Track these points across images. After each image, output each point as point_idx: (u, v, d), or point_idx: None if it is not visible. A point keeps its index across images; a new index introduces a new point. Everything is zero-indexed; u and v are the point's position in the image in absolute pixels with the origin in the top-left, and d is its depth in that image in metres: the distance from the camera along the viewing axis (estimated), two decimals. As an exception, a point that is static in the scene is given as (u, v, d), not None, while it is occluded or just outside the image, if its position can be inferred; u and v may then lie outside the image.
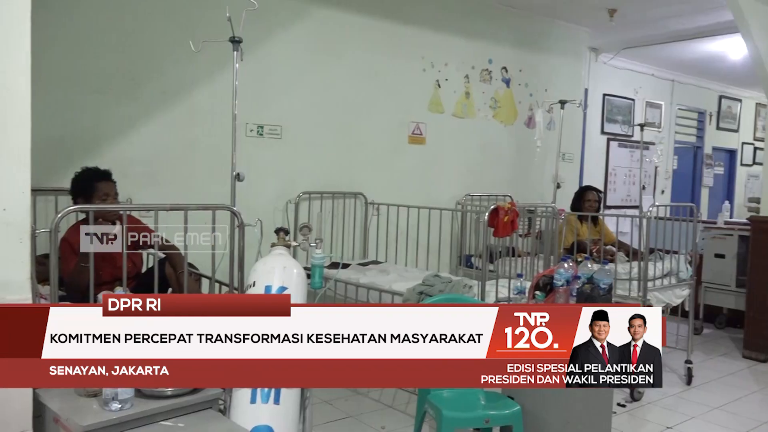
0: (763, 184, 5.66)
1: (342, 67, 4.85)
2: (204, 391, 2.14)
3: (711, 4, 5.43)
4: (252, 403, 2.06)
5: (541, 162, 5.86)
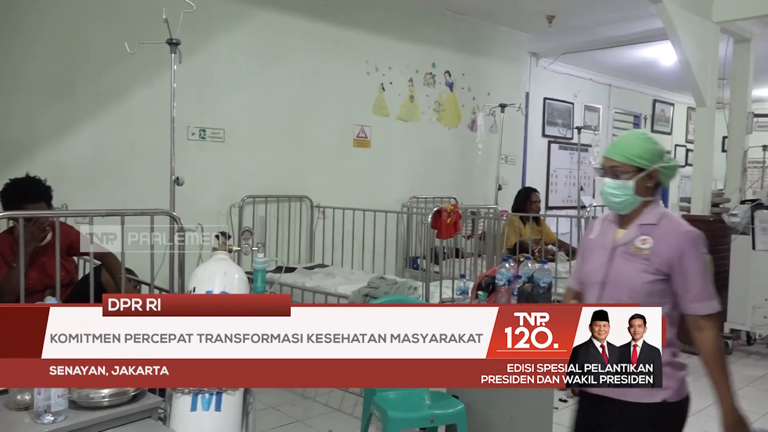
0: (693, 184, 5.92)
1: (286, 71, 4.82)
2: (143, 400, 2.09)
3: (643, 13, 5.65)
4: (193, 410, 2.03)
5: (485, 164, 5.96)
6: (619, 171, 1.92)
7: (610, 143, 1.96)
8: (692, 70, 5.38)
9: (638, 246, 1.91)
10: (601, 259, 1.97)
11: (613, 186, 1.93)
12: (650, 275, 1.88)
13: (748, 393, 4.48)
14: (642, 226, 1.93)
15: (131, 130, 4.09)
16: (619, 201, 1.93)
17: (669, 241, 1.88)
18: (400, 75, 5.61)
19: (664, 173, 1.96)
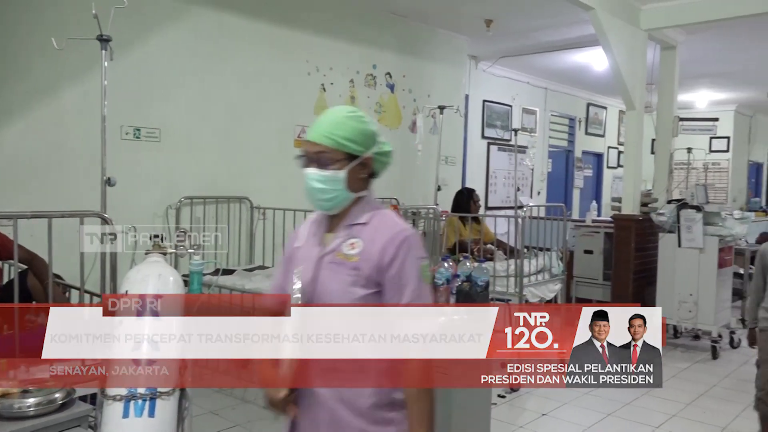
0: (624, 185, 6.17)
1: (225, 70, 4.75)
2: (71, 408, 2.02)
3: (576, 19, 5.84)
4: (125, 417, 1.98)
5: (425, 165, 6.03)
6: (327, 159, 1.54)
7: (314, 123, 1.58)
8: (622, 75, 5.61)
9: (345, 252, 1.55)
10: (306, 273, 1.58)
11: (319, 178, 1.54)
12: (361, 288, 1.53)
13: (675, 384, 4.70)
14: (351, 228, 1.58)
15: (60, 129, 3.94)
16: (329, 198, 1.55)
17: (379, 243, 1.53)
18: (341, 76, 5.61)
19: (378, 161, 1.62)
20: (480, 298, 3.19)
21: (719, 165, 11.89)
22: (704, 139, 10.86)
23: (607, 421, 3.94)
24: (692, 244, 5.43)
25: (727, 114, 11.60)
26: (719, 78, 9.16)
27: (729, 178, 11.89)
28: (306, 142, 1.59)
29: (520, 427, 3.81)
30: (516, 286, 4.50)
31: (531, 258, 4.86)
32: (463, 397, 3.09)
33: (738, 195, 12.15)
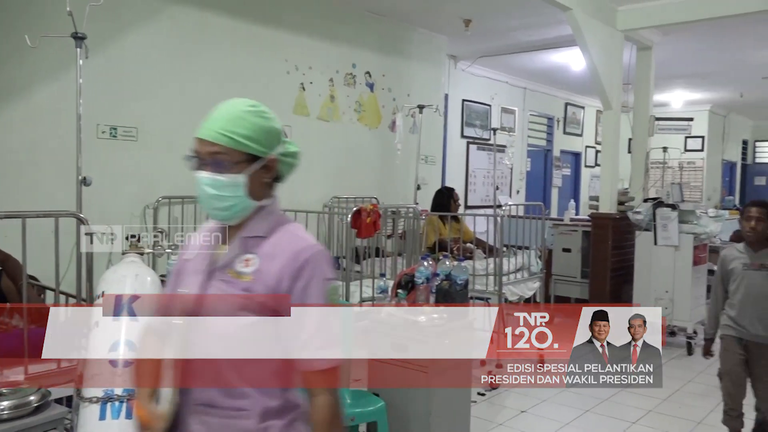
0: (601, 184, 6.24)
1: (203, 68, 4.70)
2: (47, 411, 1.99)
3: (554, 19, 5.88)
4: (101, 419, 1.95)
5: (405, 164, 6.03)
6: (224, 160, 1.33)
7: (208, 118, 1.40)
8: (599, 75, 5.67)
9: (238, 270, 1.33)
10: (192, 290, 1.35)
11: (215, 183, 1.33)
12: (250, 314, 1.28)
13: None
14: (247, 241, 1.35)
15: (34, 128, 3.87)
16: (226, 206, 1.34)
17: (278, 262, 1.31)
18: (321, 75, 5.59)
19: (284, 163, 1.42)
20: (459, 297, 3.21)
21: (694, 164, 12.08)
22: (679, 139, 11.02)
23: (584, 417, 3.99)
24: (668, 242, 5.51)
25: (701, 114, 11.79)
26: (694, 78, 9.31)
27: (704, 176, 12.08)
28: (198, 140, 1.36)
29: (499, 424, 3.84)
30: (495, 284, 4.53)
31: (510, 256, 4.89)
32: (442, 396, 3.11)
33: (712, 193, 12.35)
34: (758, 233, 3.20)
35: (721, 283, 3.37)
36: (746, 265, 3.25)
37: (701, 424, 3.91)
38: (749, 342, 3.22)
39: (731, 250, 3.39)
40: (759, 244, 3.25)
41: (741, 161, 14.43)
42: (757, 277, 3.21)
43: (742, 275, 3.26)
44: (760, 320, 3.18)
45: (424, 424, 3.04)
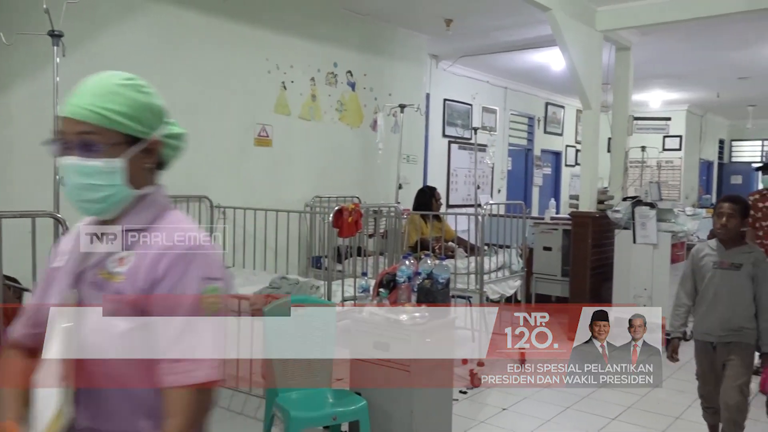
0: (581, 183, 6.30)
1: (182, 67, 4.67)
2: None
3: (534, 19, 5.93)
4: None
5: (387, 164, 6.04)
6: (95, 142, 1.11)
7: (73, 93, 1.17)
8: (578, 75, 5.72)
9: (110, 270, 1.13)
10: (60, 296, 1.14)
11: (84, 170, 1.11)
12: (123, 321, 1.08)
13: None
14: (124, 235, 1.16)
15: (10, 127, 3.82)
16: (99, 198, 1.13)
17: (150, 256, 1.12)
18: (302, 74, 5.58)
19: (169, 146, 1.26)
20: (441, 296, 3.22)
21: (672, 163, 12.24)
22: (658, 138, 11.18)
23: (565, 414, 4.03)
24: (646, 240, 5.57)
25: (679, 114, 11.95)
26: (672, 78, 9.43)
27: (681, 175, 12.25)
28: (63, 120, 1.13)
29: (481, 422, 3.86)
30: (477, 283, 4.55)
31: (491, 255, 4.92)
32: (424, 394, 3.12)
33: (690, 192, 12.53)
34: (730, 230, 3.04)
35: (690, 279, 3.20)
36: (717, 263, 3.09)
37: (679, 419, 3.97)
38: (718, 343, 3.08)
39: (703, 246, 3.21)
40: (731, 242, 3.09)
41: (718, 160, 14.65)
42: (727, 277, 3.06)
43: (712, 273, 3.10)
44: (729, 321, 3.04)
45: (406, 422, 3.05)
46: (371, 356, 3.17)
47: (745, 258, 3.05)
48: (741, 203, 3.07)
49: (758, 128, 13.43)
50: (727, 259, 3.06)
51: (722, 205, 3.07)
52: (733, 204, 3.05)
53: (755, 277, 3.01)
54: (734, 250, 3.07)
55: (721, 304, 3.05)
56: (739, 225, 3.03)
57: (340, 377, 4.10)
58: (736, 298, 3.03)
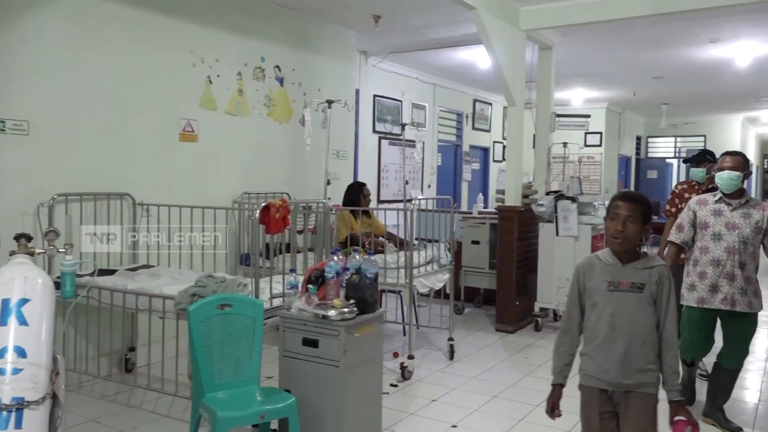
0: (507, 177, 6.47)
1: (102, 59, 4.48)
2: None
3: (461, 18, 6.04)
4: (-13, 431, 1.83)
5: (317, 160, 6.01)
6: None
7: None
8: (503, 73, 5.87)
9: None
10: None
11: None
12: None
13: (554, 364, 5.01)
14: None
15: None
16: None
17: None
18: (228, 68, 5.47)
19: None
20: (369, 290, 3.24)
21: (593, 158, 12.76)
22: (580, 134, 11.62)
23: (492, 403, 4.14)
24: (568, 233, 5.79)
25: (599, 111, 12.47)
26: (592, 77, 9.82)
27: (602, 170, 12.79)
28: None
29: (410, 414, 3.92)
30: (406, 277, 4.61)
31: (420, 249, 4.98)
32: (354, 389, 3.13)
33: (610, 186, 13.10)
34: (628, 239, 2.29)
35: (577, 305, 2.41)
36: (612, 283, 2.33)
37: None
38: (614, 392, 2.34)
39: (592, 261, 2.42)
40: (629, 254, 2.35)
41: (635, 156, 15.38)
42: (625, 302, 2.30)
43: (606, 298, 2.33)
44: (630, 361, 2.29)
45: (336, 418, 3.06)
46: (300, 353, 3.16)
47: (647, 275, 2.32)
48: (642, 203, 2.34)
49: (671, 125, 14.18)
50: (627, 277, 2.32)
51: (618, 204, 2.33)
52: (632, 204, 2.31)
53: (658, 300, 2.31)
54: (633, 264, 2.34)
55: (619, 339, 2.30)
56: (639, 232, 2.31)
57: (270, 375, 4.06)
58: (640, 330, 2.30)
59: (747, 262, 3.55)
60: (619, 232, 2.30)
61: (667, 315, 2.32)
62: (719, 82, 9.71)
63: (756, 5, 5.30)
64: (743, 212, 3.56)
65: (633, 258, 2.36)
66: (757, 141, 18.41)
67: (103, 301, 3.89)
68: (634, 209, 2.30)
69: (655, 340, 2.32)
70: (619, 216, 2.31)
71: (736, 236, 3.54)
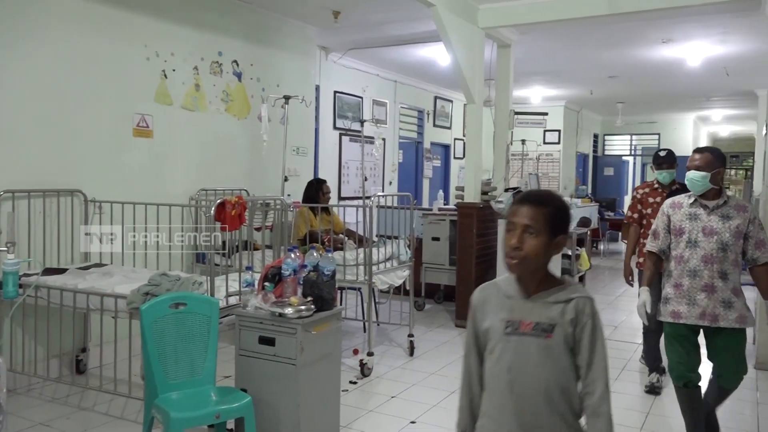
0: (466, 174, 6.51)
1: (49, 51, 4.34)
2: None
3: (420, 15, 6.04)
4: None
5: (276, 156, 5.95)
6: None
7: None
8: (462, 70, 5.91)
9: None
10: None
11: None
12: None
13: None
14: None
15: None
16: None
17: None
18: (184, 62, 5.36)
19: None
20: (327, 288, 3.22)
21: (552, 156, 12.97)
22: (539, 132, 11.79)
23: (452, 398, 4.16)
24: (526, 229, 5.86)
25: (557, 109, 12.67)
26: (550, 76, 9.97)
27: (560, 167, 13.01)
28: None
29: (369, 411, 3.92)
30: (365, 274, 4.60)
31: (380, 246, 4.98)
32: (312, 387, 3.11)
33: (568, 183, 13.33)
34: (528, 259, 1.63)
35: (474, 351, 1.78)
36: (511, 323, 1.67)
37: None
38: None
39: (487, 292, 1.77)
40: (537, 282, 1.68)
41: (593, 153, 15.68)
42: (527, 351, 1.64)
43: (503, 345, 1.67)
44: (534, 426, 1.64)
45: (293, 416, 3.03)
46: (257, 351, 3.12)
47: (560, 312, 1.64)
48: (549, 205, 1.66)
49: (627, 124, 14.51)
50: (529, 315, 1.66)
51: (514, 209, 1.67)
52: (534, 208, 1.64)
53: (576, 347, 1.64)
54: (542, 296, 1.68)
55: (519, 405, 1.65)
56: (546, 247, 1.63)
57: (229, 374, 4.00)
58: (546, 393, 1.63)
59: (729, 272, 3.10)
60: (513, 249, 1.62)
61: (591, 370, 1.62)
62: (672, 82, 9.97)
63: (704, 7, 5.46)
64: (722, 215, 3.12)
65: (543, 286, 1.68)
66: (708, 139, 18.98)
67: (53, 301, 3.78)
68: (536, 215, 1.62)
69: (574, 407, 1.64)
70: (515, 226, 1.63)
71: (714, 243, 3.09)
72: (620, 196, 14.78)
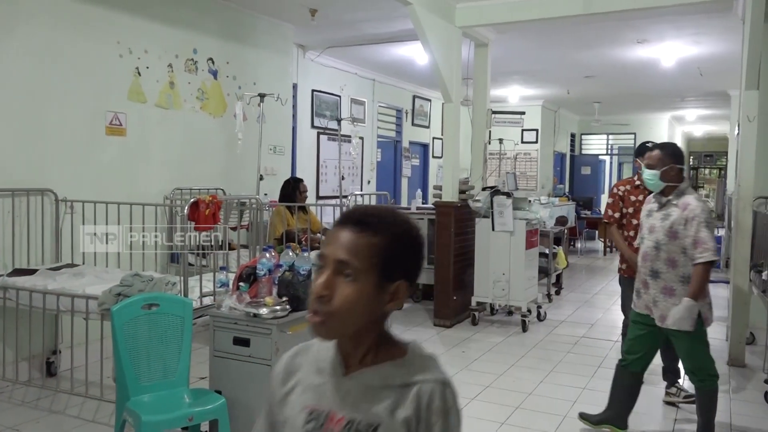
0: (444, 173, 6.51)
1: (17, 47, 4.24)
2: None
3: (398, 13, 6.03)
4: None
5: (252, 155, 5.89)
6: None
7: None
8: (440, 69, 5.90)
9: None
10: None
11: None
12: None
13: (490, 357, 5.08)
14: None
15: None
16: None
17: None
18: (158, 59, 5.28)
19: None
20: (302, 287, 3.18)
21: (530, 155, 13.04)
22: (517, 131, 11.84)
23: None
24: (504, 228, 5.88)
25: (535, 108, 12.74)
26: (527, 75, 10.02)
27: (538, 166, 13.09)
28: None
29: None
30: (343, 273, 4.56)
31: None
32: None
33: (546, 182, 13.42)
34: (337, 316, 1.03)
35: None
36: (315, 415, 1.07)
37: (531, 395, 4.23)
38: None
39: (295, 362, 1.19)
40: (365, 349, 1.09)
41: (570, 152, 15.82)
42: None
43: None
44: None
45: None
46: (231, 352, 3.08)
47: (392, 403, 1.05)
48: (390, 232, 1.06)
49: (604, 123, 14.66)
50: (342, 405, 1.07)
51: (334, 235, 1.07)
52: (360, 234, 1.05)
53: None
54: (367, 375, 1.08)
55: None
56: (372, 298, 1.05)
57: (204, 376, 3.95)
58: None
59: (661, 271, 3.17)
60: (318, 298, 1.04)
61: None
62: (647, 82, 10.08)
63: (678, 8, 5.52)
64: (664, 213, 3.19)
65: (372, 357, 1.10)
66: (683, 139, 19.26)
67: (22, 303, 3.70)
68: (357, 247, 1.04)
69: None
70: (325, 261, 1.06)
71: (651, 240, 3.21)
72: (597, 194, 14.92)
